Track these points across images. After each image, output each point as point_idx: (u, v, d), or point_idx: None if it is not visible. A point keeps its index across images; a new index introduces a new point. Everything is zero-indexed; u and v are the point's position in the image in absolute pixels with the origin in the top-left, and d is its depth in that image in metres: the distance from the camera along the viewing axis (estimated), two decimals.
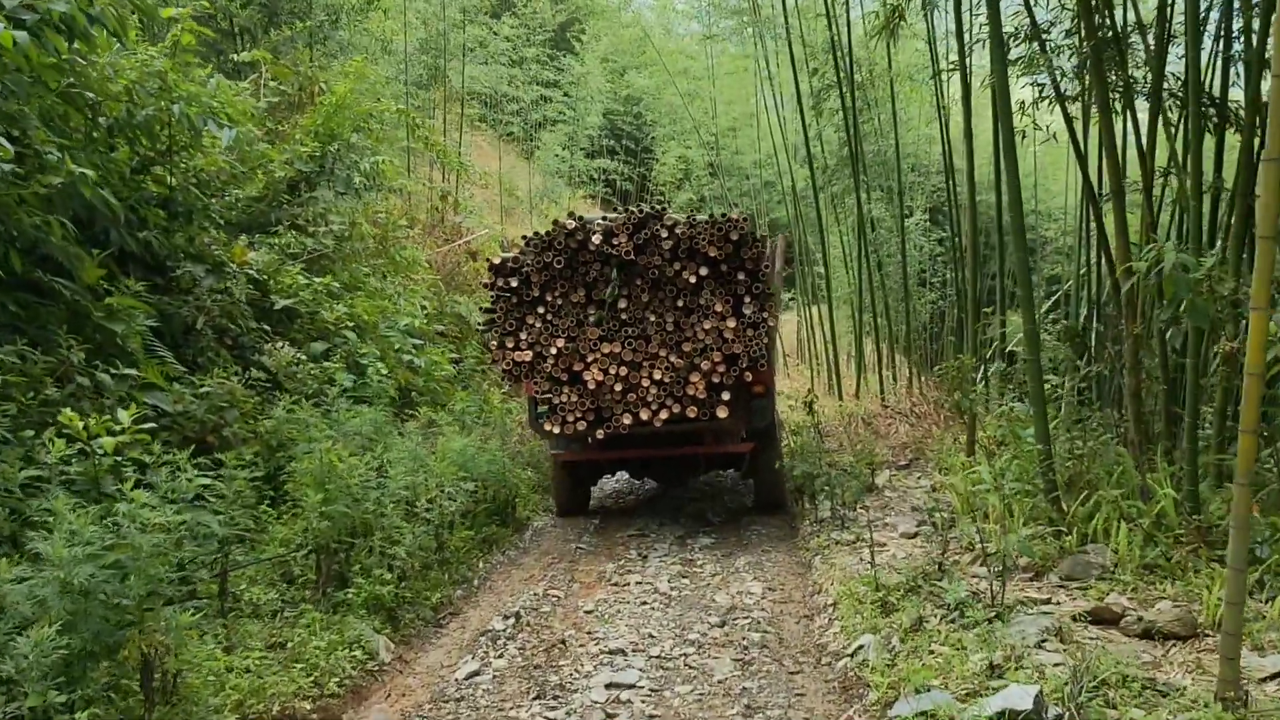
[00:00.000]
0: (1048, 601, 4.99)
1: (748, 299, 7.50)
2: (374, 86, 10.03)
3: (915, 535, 6.90)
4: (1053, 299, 22.36)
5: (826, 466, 8.14)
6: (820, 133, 18.60)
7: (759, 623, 5.63)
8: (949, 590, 4.97)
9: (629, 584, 6.66)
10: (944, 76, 13.95)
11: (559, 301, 7.59)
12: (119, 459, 4.69)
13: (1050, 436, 6.03)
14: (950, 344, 20.18)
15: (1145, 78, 7.20)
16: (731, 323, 7.45)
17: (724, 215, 7.43)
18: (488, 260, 8.06)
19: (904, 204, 15.83)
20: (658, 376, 7.50)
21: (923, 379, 13.65)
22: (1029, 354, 5.99)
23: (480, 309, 9.50)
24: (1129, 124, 7.98)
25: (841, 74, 14.31)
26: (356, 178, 9.61)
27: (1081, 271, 10.40)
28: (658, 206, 7.63)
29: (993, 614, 4.61)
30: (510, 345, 7.68)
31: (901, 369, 15.18)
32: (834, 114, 18.57)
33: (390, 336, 9.44)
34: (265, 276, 8.01)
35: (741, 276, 7.50)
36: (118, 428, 4.59)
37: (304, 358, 7.57)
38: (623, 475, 10.44)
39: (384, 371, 8.54)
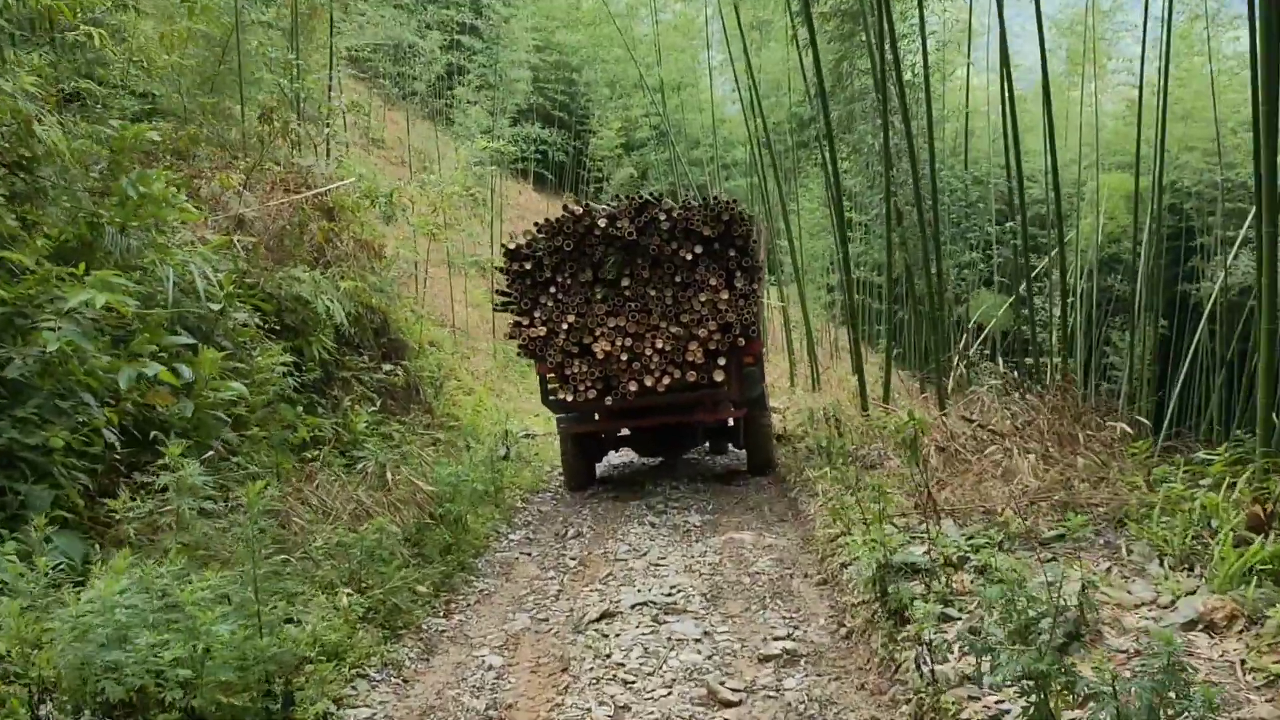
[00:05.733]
0: None
1: (738, 273, 8.21)
2: None
3: None
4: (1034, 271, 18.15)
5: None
6: (801, 58, 14.07)
7: None
8: None
9: None
10: None
11: (569, 281, 8.24)
12: None
13: None
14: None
15: None
16: (725, 295, 8.13)
17: (715, 198, 8.17)
18: (503, 246, 8.51)
19: (932, 126, 11.32)
20: (660, 345, 8.16)
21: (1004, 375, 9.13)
22: None
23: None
24: None
25: None
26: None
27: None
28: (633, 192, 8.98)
29: None
30: (526, 323, 8.35)
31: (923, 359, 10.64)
32: (828, 20, 14.04)
33: (55, 330, 4.55)
34: None
35: (732, 253, 8.19)
36: None
37: None
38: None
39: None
